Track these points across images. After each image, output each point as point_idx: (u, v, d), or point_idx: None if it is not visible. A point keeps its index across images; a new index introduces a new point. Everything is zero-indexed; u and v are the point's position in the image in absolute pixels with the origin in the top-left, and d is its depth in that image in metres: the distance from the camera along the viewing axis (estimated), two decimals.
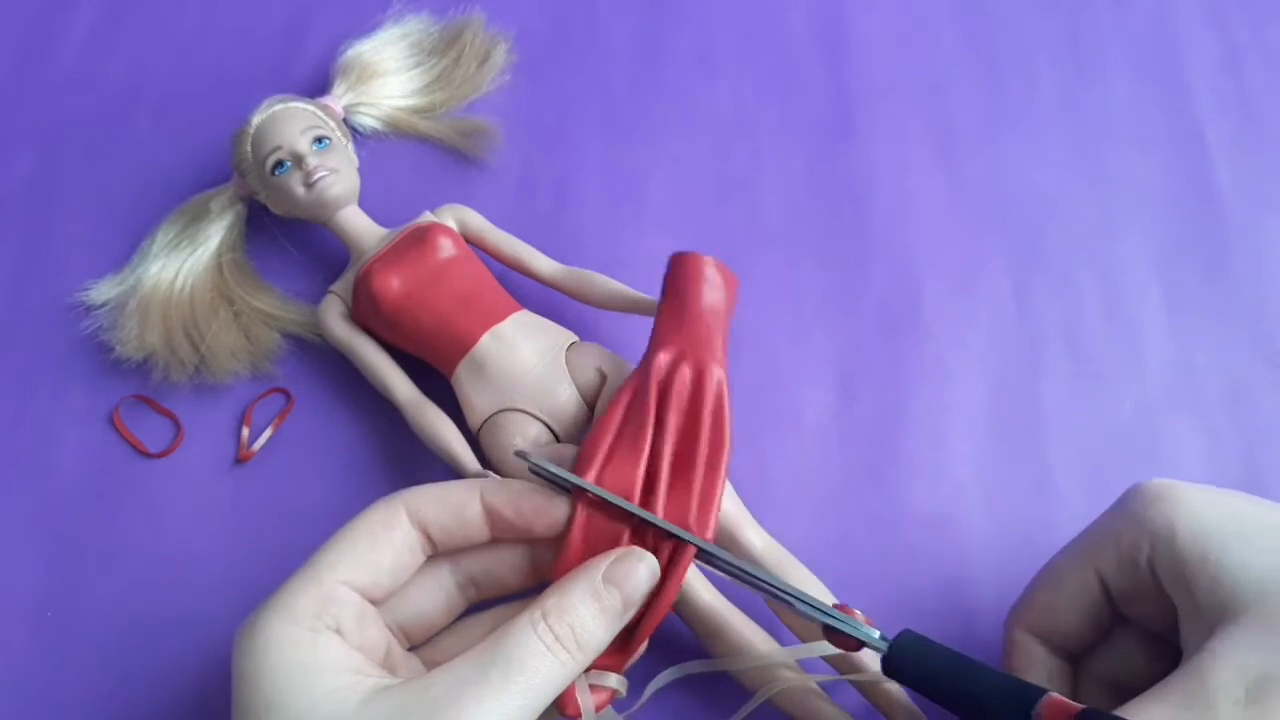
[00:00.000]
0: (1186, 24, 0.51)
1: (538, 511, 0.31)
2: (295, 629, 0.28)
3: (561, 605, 0.29)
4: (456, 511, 0.31)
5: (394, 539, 0.30)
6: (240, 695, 0.27)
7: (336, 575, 0.29)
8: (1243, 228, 0.46)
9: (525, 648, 0.27)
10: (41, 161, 0.49)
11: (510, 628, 0.28)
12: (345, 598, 0.29)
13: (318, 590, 0.29)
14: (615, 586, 0.29)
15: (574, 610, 0.29)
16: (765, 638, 0.36)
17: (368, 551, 0.30)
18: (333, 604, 0.29)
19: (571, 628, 0.28)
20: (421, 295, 0.40)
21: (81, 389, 0.43)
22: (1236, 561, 0.28)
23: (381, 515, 0.30)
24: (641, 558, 0.30)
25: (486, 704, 0.26)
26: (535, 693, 0.27)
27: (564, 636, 0.28)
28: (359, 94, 0.47)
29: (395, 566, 0.30)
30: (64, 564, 0.40)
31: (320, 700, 0.26)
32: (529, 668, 0.27)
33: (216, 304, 0.43)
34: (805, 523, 0.40)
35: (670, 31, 0.52)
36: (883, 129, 0.49)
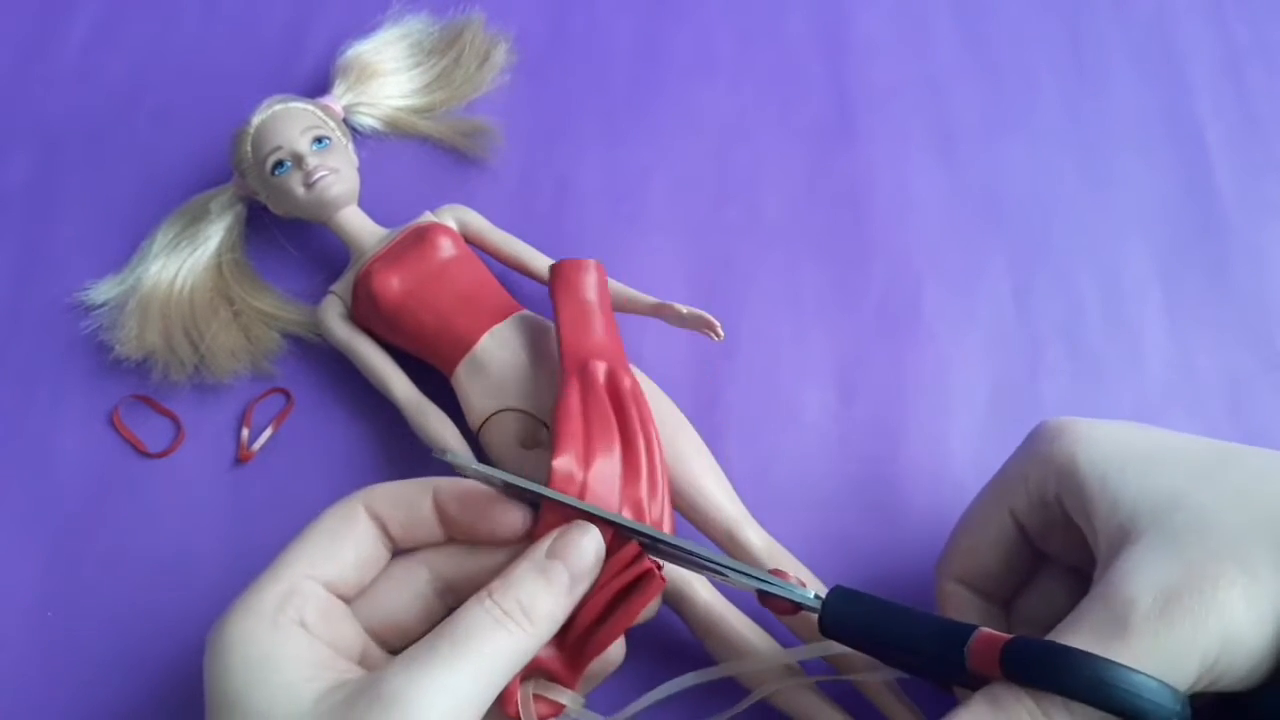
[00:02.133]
0: (1186, 24, 0.51)
1: (484, 513, 0.31)
2: (258, 625, 0.28)
3: (507, 581, 0.29)
4: (409, 508, 0.31)
5: (354, 533, 0.30)
6: (209, 694, 0.28)
7: (299, 570, 0.29)
8: (1242, 228, 0.46)
9: (474, 622, 0.27)
10: (41, 161, 0.49)
11: (460, 609, 0.28)
12: (309, 590, 0.29)
13: (280, 586, 0.29)
14: (559, 560, 0.29)
15: (520, 583, 0.29)
16: (763, 636, 0.36)
17: (329, 546, 0.30)
18: (295, 597, 0.29)
19: (518, 601, 0.28)
20: (421, 295, 0.40)
21: (81, 389, 0.43)
22: (1133, 486, 0.29)
23: (341, 511, 0.31)
24: (585, 531, 0.30)
25: (438, 680, 0.26)
26: (486, 667, 0.27)
27: (511, 610, 0.28)
28: (359, 94, 0.47)
29: (359, 560, 0.30)
30: (64, 564, 0.40)
31: (278, 694, 0.27)
32: (478, 641, 0.27)
33: (216, 304, 0.43)
34: (805, 522, 0.40)
35: (670, 32, 0.52)
36: (883, 130, 0.49)
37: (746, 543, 0.37)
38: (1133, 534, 0.28)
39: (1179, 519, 0.28)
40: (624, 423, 0.36)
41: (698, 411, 0.41)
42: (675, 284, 0.45)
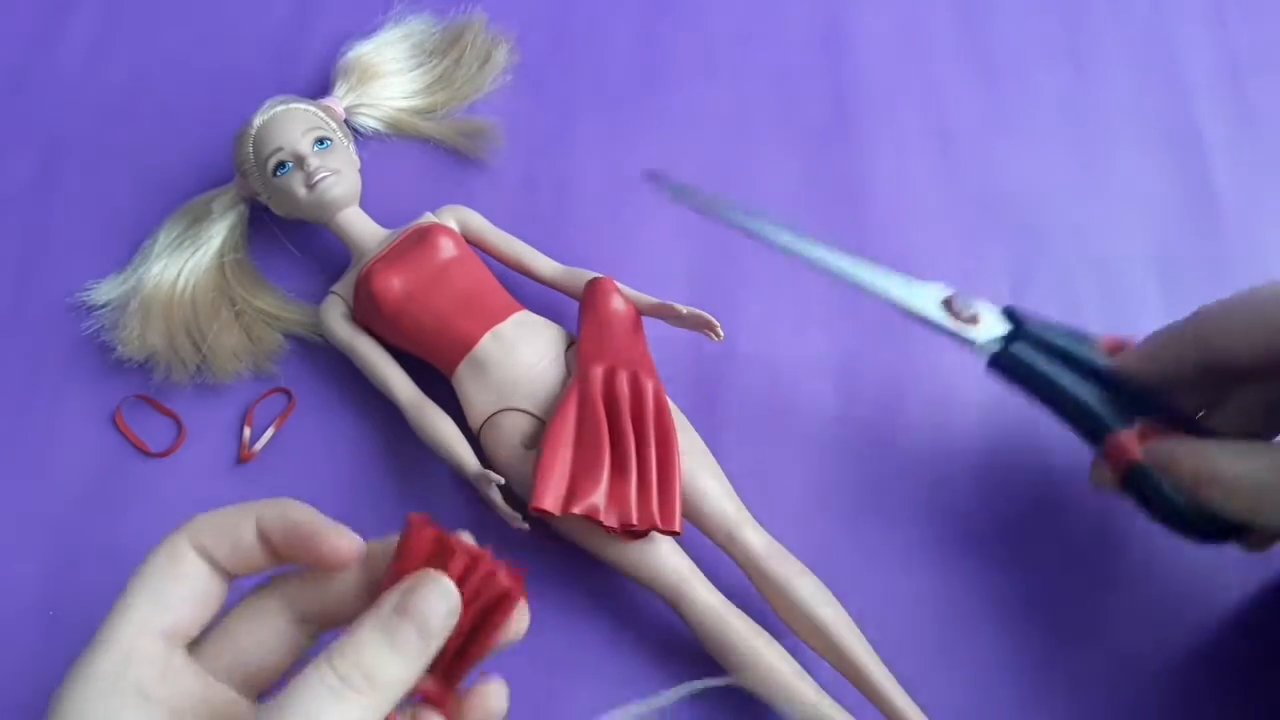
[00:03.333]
0: (1184, 24, 0.51)
1: (308, 542, 0.28)
2: (94, 698, 0.26)
3: (348, 643, 0.26)
4: (232, 538, 0.29)
5: (181, 571, 0.28)
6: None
7: (132, 626, 0.27)
8: (1241, 227, 0.46)
9: (309, 695, 0.25)
10: (43, 162, 0.49)
11: (297, 678, 0.25)
12: (145, 650, 0.27)
13: (115, 649, 0.27)
14: (406, 617, 0.26)
15: (362, 647, 0.26)
16: (768, 639, 0.36)
17: (158, 592, 0.28)
18: (132, 661, 0.27)
19: (358, 665, 0.25)
20: (422, 296, 0.40)
21: (83, 389, 0.43)
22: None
23: (165, 550, 0.29)
24: (436, 583, 0.26)
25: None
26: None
27: (349, 676, 0.25)
28: (360, 95, 0.47)
29: (193, 599, 0.28)
30: (65, 564, 0.40)
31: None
32: (314, 715, 0.24)
33: (218, 304, 0.43)
34: (805, 523, 0.40)
35: (670, 32, 0.52)
36: (882, 129, 0.49)
37: (746, 542, 0.37)
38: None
39: None
40: (616, 424, 0.37)
41: (698, 411, 0.41)
42: (675, 284, 0.45)
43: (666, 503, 0.36)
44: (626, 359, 0.39)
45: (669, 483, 0.36)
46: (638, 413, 0.37)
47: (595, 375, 0.38)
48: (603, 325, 0.40)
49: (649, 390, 0.38)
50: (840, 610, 0.36)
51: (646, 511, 0.36)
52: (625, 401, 0.37)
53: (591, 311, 0.40)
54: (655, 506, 0.36)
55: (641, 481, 0.36)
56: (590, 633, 0.39)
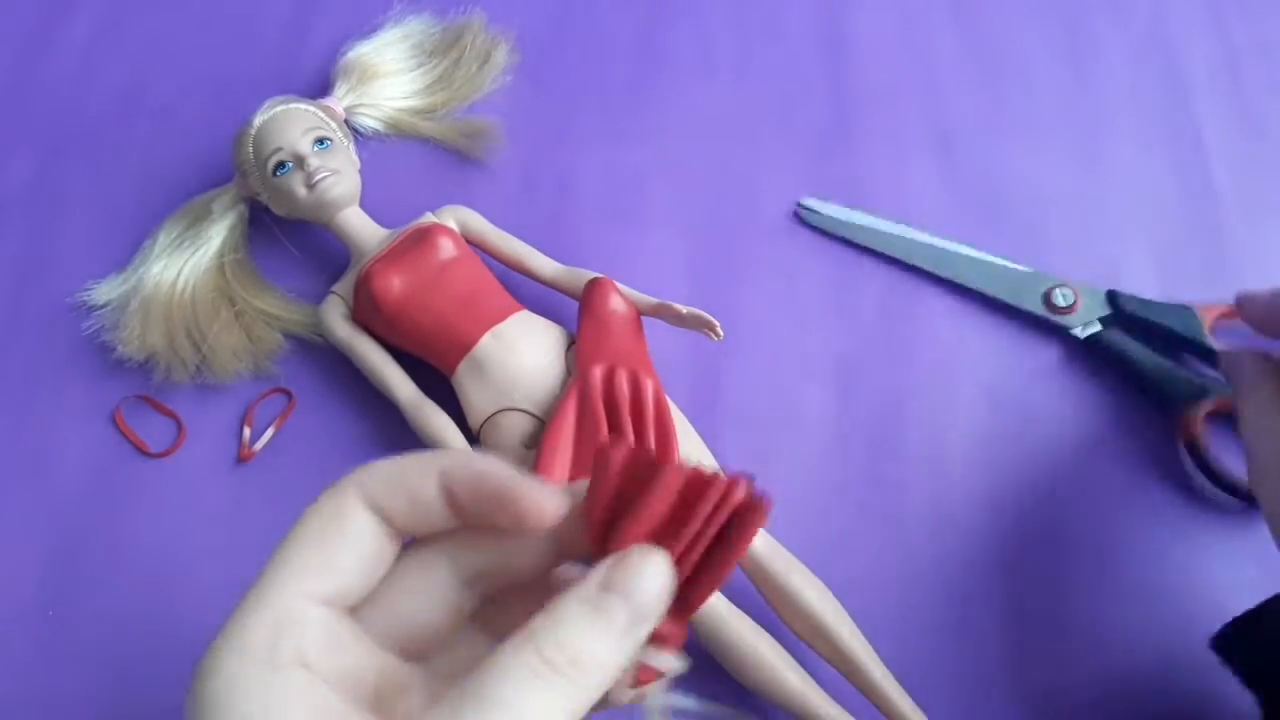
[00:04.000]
0: (1184, 24, 0.51)
1: (505, 500, 0.25)
2: (251, 670, 0.23)
3: (551, 622, 0.23)
4: (411, 495, 0.25)
5: (349, 531, 0.25)
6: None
7: (291, 590, 0.24)
8: (1241, 227, 0.46)
9: (507, 678, 0.22)
10: (43, 162, 0.49)
11: (493, 656, 0.22)
12: (305, 617, 0.24)
13: (270, 615, 0.23)
14: (617, 594, 0.23)
15: (566, 626, 0.23)
16: (768, 640, 0.36)
17: (322, 553, 0.25)
18: (291, 629, 0.23)
19: (564, 647, 0.22)
20: (422, 296, 0.40)
21: (83, 389, 0.44)
22: None
23: (329, 507, 0.25)
24: (648, 558, 0.23)
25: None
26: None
27: (554, 659, 0.22)
28: (360, 95, 0.47)
29: (361, 563, 0.25)
30: (65, 563, 0.40)
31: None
32: (514, 702, 0.21)
33: (218, 304, 0.43)
34: (805, 523, 0.40)
35: (670, 32, 0.52)
36: (881, 129, 0.49)
37: None
38: None
39: None
40: (616, 423, 0.37)
41: (698, 411, 0.41)
42: (675, 284, 0.45)
43: None
44: (626, 359, 0.39)
45: None
46: (637, 412, 0.37)
47: (595, 375, 0.38)
48: (602, 325, 0.40)
49: (649, 390, 0.38)
50: (840, 610, 0.36)
51: None
52: (625, 401, 0.37)
53: (591, 312, 0.40)
54: None
55: None
56: None
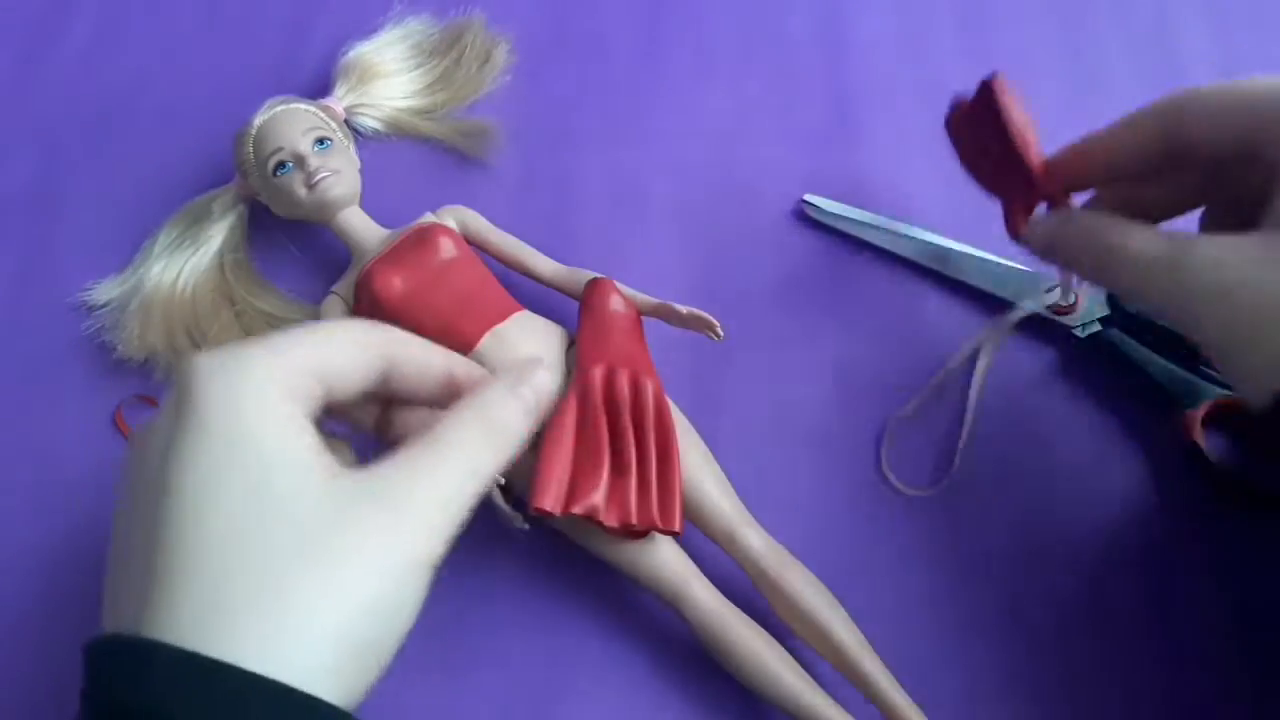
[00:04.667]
0: (1186, 27, 0.51)
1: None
2: (265, 391, 0.26)
3: (485, 394, 0.30)
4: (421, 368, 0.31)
5: (365, 358, 0.29)
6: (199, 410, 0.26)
7: (304, 358, 0.28)
8: None
9: (457, 428, 0.28)
10: (44, 163, 0.49)
11: (441, 419, 0.29)
12: (308, 386, 0.28)
13: (287, 366, 0.27)
14: (525, 384, 0.31)
15: (496, 398, 0.30)
16: (768, 640, 0.36)
17: (339, 354, 0.29)
18: (297, 382, 0.27)
19: (492, 408, 0.30)
20: (422, 296, 0.40)
21: (83, 389, 0.44)
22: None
23: (362, 330, 0.30)
24: (549, 373, 0.32)
25: (430, 478, 0.27)
26: (469, 468, 0.28)
27: (487, 417, 0.29)
28: (360, 95, 0.47)
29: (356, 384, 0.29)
30: (65, 564, 0.40)
31: (296, 465, 0.26)
32: (463, 444, 0.28)
33: (218, 304, 0.44)
34: (805, 522, 0.40)
35: (670, 32, 0.52)
36: (882, 130, 0.49)
37: (746, 543, 0.37)
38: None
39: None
40: (616, 424, 0.37)
41: (698, 411, 0.41)
42: (675, 284, 0.45)
43: (666, 502, 0.36)
44: (626, 359, 0.39)
45: (669, 482, 0.36)
46: (638, 413, 0.37)
47: (595, 375, 0.38)
48: (601, 325, 0.40)
49: (649, 390, 0.38)
50: (840, 610, 0.36)
51: (646, 511, 0.36)
52: (625, 401, 0.37)
53: (590, 312, 0.40)
54: (655, 506, 0.36)
55: (641, 481, 0.36)
56: (591, 633, 0.39)
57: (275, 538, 0.25)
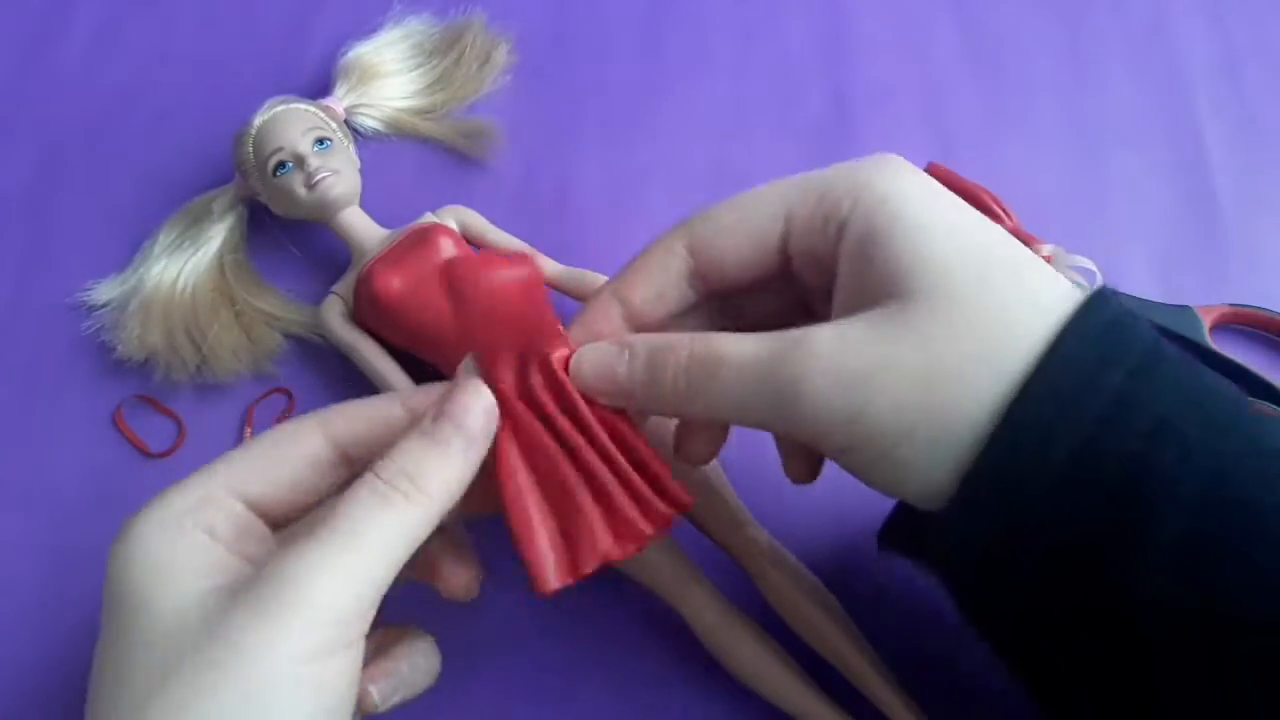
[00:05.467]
0: (1185, 24, 0.51)
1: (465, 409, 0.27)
2: (161, 532, 0.26)
3: (392, 452, 0.26)
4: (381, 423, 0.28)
5: (295, 452, 0.28)
6: (106, 600, 0.26)
7: (219, 481, 0.27)
8: (1240, 227, 0.46)
9: (356, 503, 0.25)
10: (43, 163, 0.49)
11: (348, 489, 0.26)
12: (227, 505, 0.27)
13: (193, 496, 0.26)
14: (447, 420, 0.27)
15: (406, 452, 0.26)
16: (769, 639, 0.36)
17: (264, 463, 0.27)
18: (210, 506, 0.26)
19: (402, 469, 0.26)
20: (422, 295, 0.40)
21: (83, 389, 0.43)
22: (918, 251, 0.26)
23: (288, 428, 0.28)
24: (472, 389, 0.28)
25: (326, 561, 0.24)
26: (377, 547, 0.25)
27: (394, 480, 0.26)
28: (360, 95, 0.47)
29: (294, 483, 0.27)
30: (65, 564, 0.40)
31: (170, 599, 0.25)
32: (364, 520, 0.25)
33: (218, 304, 0.43)
34: (805, 523, 0.40)
35: (670, 32, 0.52)
36: (882, 130, 0.49)
37: (746, 541, 0.37)
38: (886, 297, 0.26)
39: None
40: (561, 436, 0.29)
41: None
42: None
43: (661, 488, 0.30)
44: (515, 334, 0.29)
45: (646, 464, 0.30)
46: (568, 403, 0.29)
47: (507, 389, 0.29)
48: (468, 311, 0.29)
49: (559, 368, 0.29)
50: (840, 609, 0.36)
51: (651, 511, 0.30)
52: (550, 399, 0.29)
53: (455, 300, 0.31)
54: (655, 499, 0.30)
55: (624, 483, 0.30)
56: (592, 634, 0.39)
57: (139, 679, 0.24)
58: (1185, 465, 0.24)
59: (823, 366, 0.26)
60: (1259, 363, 0.42)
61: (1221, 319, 0.43)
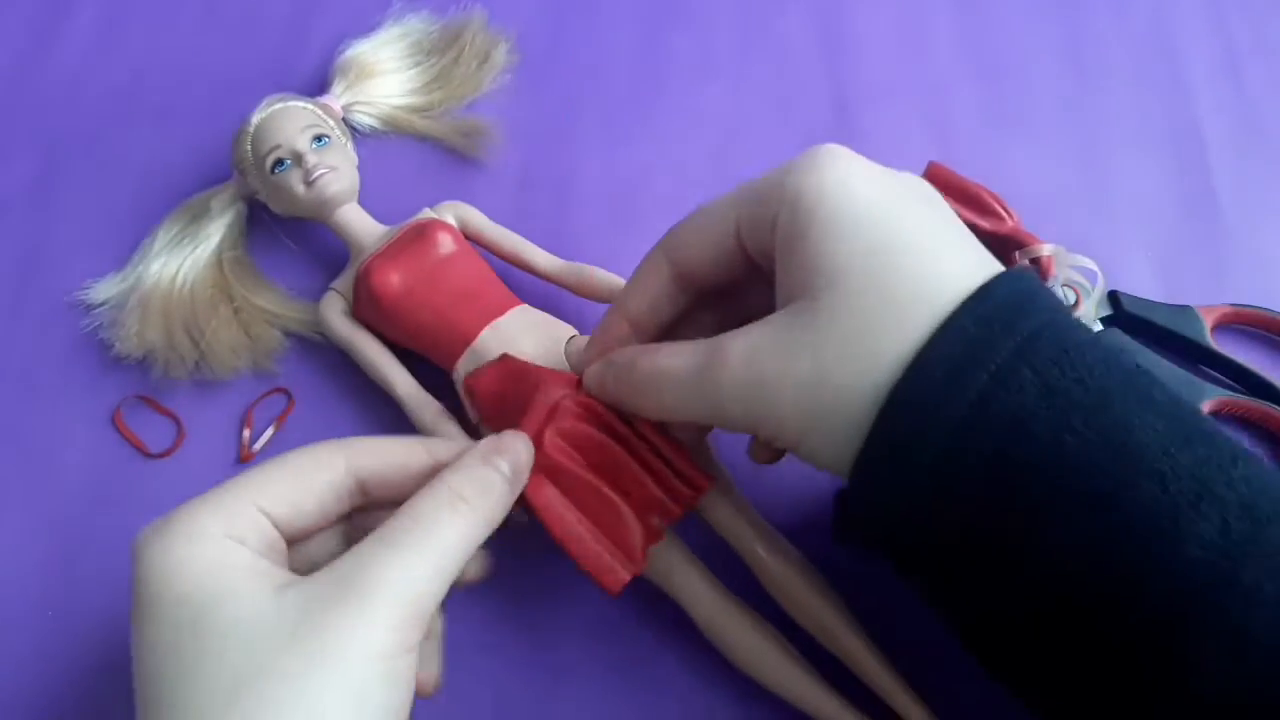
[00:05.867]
0: (1185, 24, 0.51)
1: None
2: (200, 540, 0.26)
3: (459, 468, 0.29)
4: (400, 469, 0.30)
5: (321, 480, 0.29)
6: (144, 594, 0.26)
7: (246, 500, 0.28)
8: (1241, 227, 0.46)
9: (431, 505, 0.28)
10: (43, 161, 0.49)
11: (415, 497, 0.28)
12: (254, 518, 0.28)
13: (225, 506, 0.27)
14: (502, 452, 0.30)
15: (469, 469, 0.29)
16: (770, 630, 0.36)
17: (291, 487, 0.29)
18: (238, 519, 0.27)
19: (470, 479, 0.29)
20: (421, 291, 0.40)
21: (82, 388, 0.43)
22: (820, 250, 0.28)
23: (317, 454, 0.29)
24: (517, 436, 0.32)
25: (407, 570, 0.26)
26: (448, 549, 0.27)
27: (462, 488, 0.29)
28: (358, 92, 0.47)
29: (319, 508, 0.29)
30: (64, 564, 0.40)
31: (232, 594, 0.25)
32: (438, 524, 0.27)
33: (217, 302, 0.43)
34: (805, 515, 0.40)
35: (670, 32, 0.52)
36: (881, 130, 0.49)
37: (747, 533, 0.37)
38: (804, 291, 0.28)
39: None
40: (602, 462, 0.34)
41: None
42: None
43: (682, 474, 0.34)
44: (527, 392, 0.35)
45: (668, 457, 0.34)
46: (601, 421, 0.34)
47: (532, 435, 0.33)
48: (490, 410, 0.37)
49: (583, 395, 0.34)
50: (840, 601, 0.36)
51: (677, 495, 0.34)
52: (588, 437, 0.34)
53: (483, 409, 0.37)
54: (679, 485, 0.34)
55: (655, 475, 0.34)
56: (592, 627, 0.39)
57: (222, 675, 0.25)
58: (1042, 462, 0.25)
59: (732, 377, 0.29)
60: (1259, 363, 0.42)
61: (1222, 319, 0.43)
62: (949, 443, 0.26)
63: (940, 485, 0.26)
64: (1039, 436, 0.25)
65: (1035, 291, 0.28)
